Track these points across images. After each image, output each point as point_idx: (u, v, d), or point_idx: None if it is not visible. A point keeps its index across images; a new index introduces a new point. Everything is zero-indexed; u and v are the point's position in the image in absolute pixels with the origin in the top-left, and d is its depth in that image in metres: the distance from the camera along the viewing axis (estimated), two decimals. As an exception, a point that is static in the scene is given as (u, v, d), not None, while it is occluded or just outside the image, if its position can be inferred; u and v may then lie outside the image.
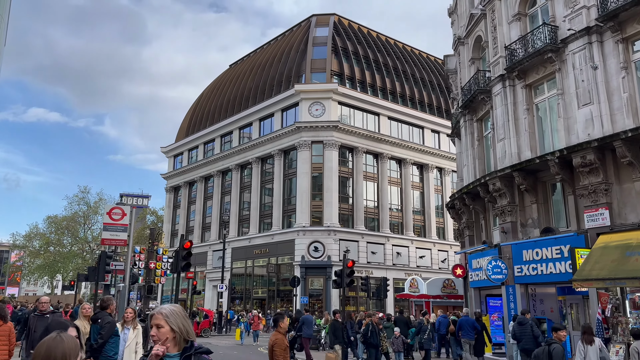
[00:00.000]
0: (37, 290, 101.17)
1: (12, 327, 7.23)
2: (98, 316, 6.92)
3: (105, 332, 6.81)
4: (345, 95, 41.94)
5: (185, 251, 13.36)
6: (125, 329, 7.10)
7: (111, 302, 7.13)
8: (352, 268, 16.18)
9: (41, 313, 7.67)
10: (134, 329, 7.23)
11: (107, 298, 7.27)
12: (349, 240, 40.01)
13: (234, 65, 60.40)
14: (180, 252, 13.37)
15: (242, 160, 47.29)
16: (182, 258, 13.31)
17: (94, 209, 68.17)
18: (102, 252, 17.69)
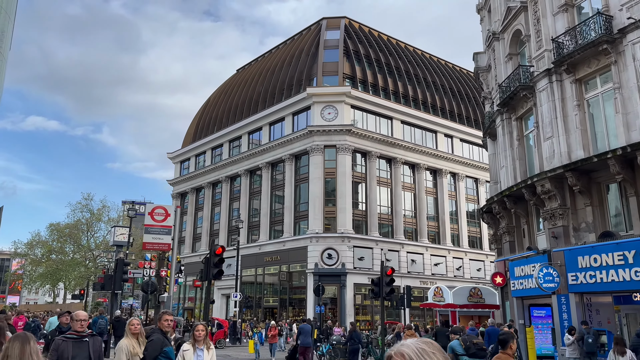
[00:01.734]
0: (38, 298, 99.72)
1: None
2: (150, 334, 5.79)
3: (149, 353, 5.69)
4: (357, 98, 40.97)
5: (216, 257, 12.25)
6: (197, 350, 5.83)
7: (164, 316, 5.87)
8: (391, 276, 15.05)
9: (78, 335, 5.36)
10: (207, 350, 5.86)
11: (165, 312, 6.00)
12: (363, 247, 38.89)
13: (241, 70, 59.53)
14: (212, 259, 12.25)
15: (251, 166, 46.23)
16: (213, 265, 12.19)
17: (98, 216, 67.02)
18: (118, 259, 16.57)
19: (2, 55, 30.33)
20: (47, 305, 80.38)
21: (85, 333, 5.45)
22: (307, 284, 38.08)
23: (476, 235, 47.44)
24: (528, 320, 16.30)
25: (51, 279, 68.91)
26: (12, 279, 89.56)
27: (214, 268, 12.18)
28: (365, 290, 38.74)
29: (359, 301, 38.00)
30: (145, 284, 17.14)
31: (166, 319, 5.74)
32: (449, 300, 25.13)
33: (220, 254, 12.34)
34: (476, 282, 40.55)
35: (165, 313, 5.78)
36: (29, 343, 3.25)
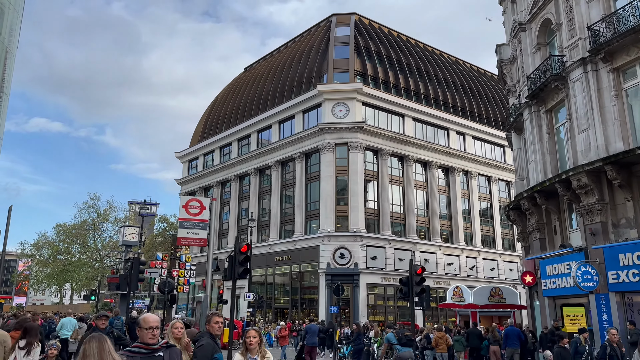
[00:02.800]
0: (45, 299, 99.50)
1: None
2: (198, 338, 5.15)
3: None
4: (369, 95, 40.32)
5: (242, 255, 11.63)
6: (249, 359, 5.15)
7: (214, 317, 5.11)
8: (422, 275, 14.39)
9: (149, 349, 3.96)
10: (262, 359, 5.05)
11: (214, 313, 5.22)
12: (375, 246, 38.24)
13: (249, 68, 58.98)
14: (237, 257, 11.64)
15: (261, 164, 45.66)
16: (238, 263, 11.58)
17: (104, 216, 66.64)
18: (134, 258, 16.01)
19: (11, 52, 29.86)
20: (53, 306, 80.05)
21: (158, 345, 4.05)
22: (318, 284, 37.47)
23: (489, 234, 46.70)
24: (561, 320, 15.62)
25: (58, 280, 68.50)
26: (19, 280, 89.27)
27: (239, 266, 11.56)
28: (379, 290, 38.14)
29: (372, 301, 37.33)
30: (162, 283, 16.56)
31: (216, 321, 5.10)
32: (470, 300, 24.44)
33: (245, 251, 11.73)
34: (489, 282, 39.85)
35: (215, 314, 5.15)
36: (106, 342, 3.32)
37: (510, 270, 46.46)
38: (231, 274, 11.68)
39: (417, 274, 14.18)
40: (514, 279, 45.37)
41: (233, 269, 11.58)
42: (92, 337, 3.35)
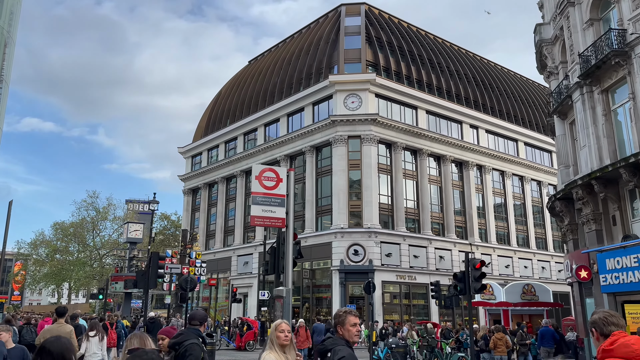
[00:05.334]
0: (42, 299, 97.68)
1: None
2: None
3: None
4: (382, 86, 38.91)
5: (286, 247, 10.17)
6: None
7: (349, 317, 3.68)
8: (481, 270, 12.99)
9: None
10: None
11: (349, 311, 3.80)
12: (390, 242, 36.87)
13: (254, 61, 57.45)
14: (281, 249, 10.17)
15: (268, 159, 44.12)
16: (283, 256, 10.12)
17: (104, 214, 64.93)
18: (153, 253, 14.53)
19: (12, 39, 28.28)
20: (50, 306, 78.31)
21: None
22: (332, 282, 36.08)
23: (504, 231, 45.42)
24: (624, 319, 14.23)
25: (56, 279, 66.74)
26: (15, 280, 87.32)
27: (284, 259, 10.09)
28: (394, 288, 36.77)
29: (388, 299, 35.96)
30: (184, 280, 15.12)
31: (354, 322, 3.69)
32: (502, 298, 23.09)
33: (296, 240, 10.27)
34: (505, 280, 38.56)
35: (350, 314, 3.74)
36: (147, 339, 3.52)
37: (525, 268, 45.24)
38: (274, 267, 10.21)
39: (476, 269, 12.76)
40: (528, 276, 44.15)
41: (276, 263, 10.11)
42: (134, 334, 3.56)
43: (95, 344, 8.81)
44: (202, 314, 5.12)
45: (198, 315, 5.03)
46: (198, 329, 4.87)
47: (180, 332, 4.83)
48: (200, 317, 5.02)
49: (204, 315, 5.13)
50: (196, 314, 5.04)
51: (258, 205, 8.98)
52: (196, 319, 4.97)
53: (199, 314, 5.06)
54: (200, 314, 5.08)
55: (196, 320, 4.95)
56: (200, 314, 5.08)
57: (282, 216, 9.21)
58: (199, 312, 5.12)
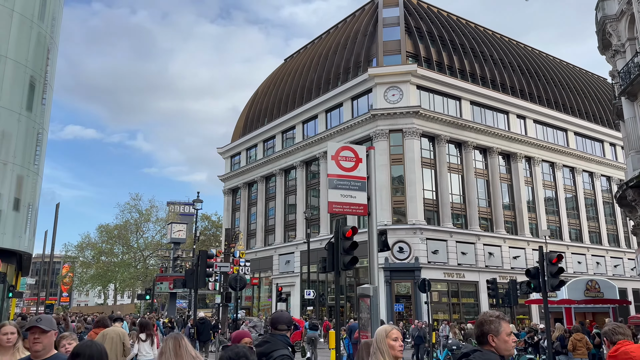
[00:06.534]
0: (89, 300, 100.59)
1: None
2: None
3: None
4: (424, 77, 37.61)
5: (347, 242, 9.35)
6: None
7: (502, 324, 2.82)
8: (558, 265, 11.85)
9: None
10: None
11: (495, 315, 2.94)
12: (436, 239, 35.60)
13: (290, 59, 57.01)
14: (340, 244, 9.38)
15: (307, 156, 43.56)
16: (343, 251, 9.32)
17: (146, 216, 66.05)
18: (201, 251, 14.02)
19: (54, 41, 28.58)
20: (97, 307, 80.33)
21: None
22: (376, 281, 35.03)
23: (556, 225, 43.27)
24: None
25: (102, 281, 68.32)
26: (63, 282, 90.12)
27: (344, 255, 9.29)
28: (442, 286, 35.45)
29: (436, 298, 34.65)
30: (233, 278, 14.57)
31: (510, 332, 2.83)
32: (564, 295, 21.56)
33: (350, 236, 9.45)
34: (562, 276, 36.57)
35: (504, 319, 2.87)
36: (182, 339, 3.46)
37: (578, 263, 42.98)
38: (333, 264, 9.41)
39: (553, 264, 11.60)
40: (582, 272, 41.89)
41: (337, 259, 9.31)
42: (170, 335, 3.58)
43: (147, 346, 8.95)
44: (288, 316, 4.21)
45: (284, 318, 4.13)
46: (286, 335, 3.98)
47: (264, 339, 3.92)
48: (286, 320, 4.11)
49: (291, 319, 4.22)
50: (281, 316, 4.15)
51: (336, 190, 8.09)
52: (282, 322, 4.05)
53: (285, 316, 4.16)
54: (286, 316, 4.18)
55: (283, 325, 4.03)
56: (286, 316, 4.18)
57: (363, 202, 8.32)
58: (284, 314, 4.22)
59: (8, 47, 23.23)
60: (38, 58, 26.00)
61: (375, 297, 7.47)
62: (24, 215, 25.78)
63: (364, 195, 8.20)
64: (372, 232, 8.19)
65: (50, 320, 3.58)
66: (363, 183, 8.23)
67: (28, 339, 3.64)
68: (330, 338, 12.16)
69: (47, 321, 3.53)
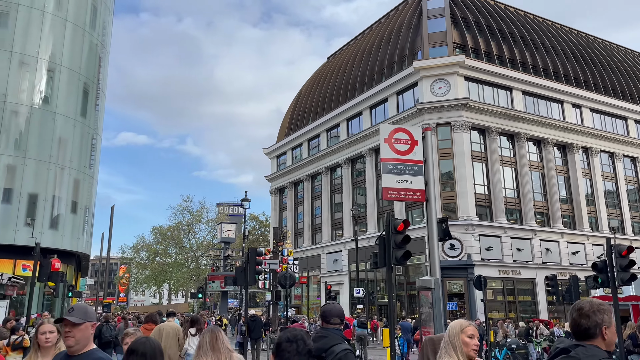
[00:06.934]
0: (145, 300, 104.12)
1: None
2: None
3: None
4: (472, 68, 36.39)
5: (399, 236, 8.95)
6: None
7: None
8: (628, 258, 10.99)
9: None
10: None
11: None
12: (489, 235, 34.36)
13: (332, 57, 56.78)
14: (392, 238, 8.98)
15: (352, 154, 43.16)
16: (395, 246, 8.92)
17: (197, 217, 67.62)
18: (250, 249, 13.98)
19: (105, 48, 29.55)
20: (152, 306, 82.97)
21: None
22: (427, 279, 34.25)
23: (617, 218, 40.89)
24: None
25: (156, 281, 70.51)
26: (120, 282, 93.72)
27: (396, 250, 8.88)
28: (497, 284, 34.17)
29: (491, 296, 33.41)
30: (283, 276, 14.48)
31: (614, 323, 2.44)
32: (631, 291, 20.17)
33: (402, 230, 9.02)
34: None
35: (610, 311, 2.47)
36: (219, 332, 3.64)
37: (645, 259, 40.37)
38: (385, 259, 9.02)
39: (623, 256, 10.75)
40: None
41: (388, 253, 8.91)
42: (207, 329, 3.75)
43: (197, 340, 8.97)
44: (340, 309, 3.80)
45: (336, 310, 3.70)
46: (339, 329, 3.61)
47: (320, 334, 3.55)
48: (339, 313, 3.69)
49: (343, 312, 3.79)
50: (334, 309, 3.73)
51: (390, 175, 7.63)
52: (335, 315, 3.64)
53: (337, 309, 3.75)
54: (339, 309, 3.77)
55: (336, 318, 3.61)
56: (339, 309, 3.77)
57: (421, 187, 7.85)
58: (336, 306, 3.79)
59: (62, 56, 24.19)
60: (90, 65, 26.98)
61: (437, 289, 6.99)
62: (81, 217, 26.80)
63: (421, 180, 7.72)
64: (431, 220, 7.71)
65: (84, 310, 3.11)
66: (420, 167, 7.76)
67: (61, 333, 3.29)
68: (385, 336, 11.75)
69: (79, 311, 3.07)
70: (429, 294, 6.95)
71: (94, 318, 3.13)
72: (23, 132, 23.28)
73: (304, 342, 2.53)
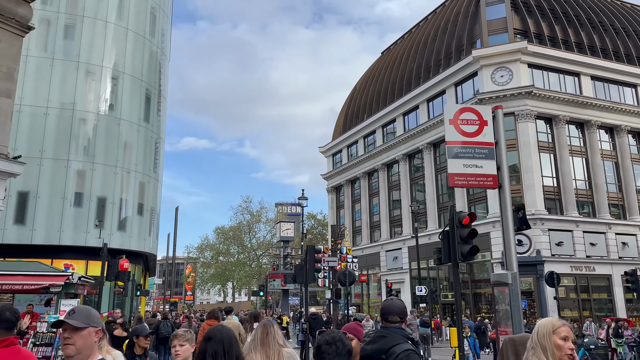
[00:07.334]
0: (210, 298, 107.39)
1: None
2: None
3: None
4: (535, 54, 34.54)
5: (464, 229, 8.42)
6: None
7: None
8: None
9: None
10: None
11: None
12: (559, 230, 32.48)
13: (386, 52, 55.92)
14: (456, 232, 8.47)
15: (409, 149, 42.24)
16: (461, 240, 8.41)
17: (257, 217, 68.84)
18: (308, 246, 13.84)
19: (165, 54, 30.51)
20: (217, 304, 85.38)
21: None
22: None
23: None
24: None
25: (220, 279, 72.42)
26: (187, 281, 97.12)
27: (462, 244, 8.36)
28: (569, 281, 32.24)
29: (563, 294, 31.59)
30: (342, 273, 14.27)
31: None
32: None
33: (468, 223, 8.49)
34: None
35: None
36: (272, 326, 3.63)
37: None
38: (450, 255, 8.51)
39: None
40: None
41: (453, 249, 8.41)
42: (261, 322, 3.75)
43: None
44: (401, 305, 3.39)
45: (395, 307, 3.32)
46: (401, 327, 3.25)
47: (379, 334, 3.20)
48: (398, 310, 3.29)
49: (404, 308, 3.40)
50: (392, 305, 3.34)
51: (457, 159, 7.10)
52: (394, 312, 3.27)
53: (397, 305, 3.34)
54: (398, 305, 3.35)
55: (394, 316, 3.26)
56: (398, 305, 3.35)
57: (492, 172, 7.30)
58: (395, 303, 3.38)
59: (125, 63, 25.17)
60: (151, 72, 27.93)
61: (514, 285, 6.43)
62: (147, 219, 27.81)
63: (492, 164, 7.15)
64: (505, 208, 7.12)
65: (86, 313, 2.55)
66: (490, 150, 7.20)
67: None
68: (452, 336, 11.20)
69: (81, 314, 2.53)
70: (505, 289, 6.39)
71: (99, 323, 2.59)
72: (91, 139, 24.43)
73: (343, 343, 2.62)
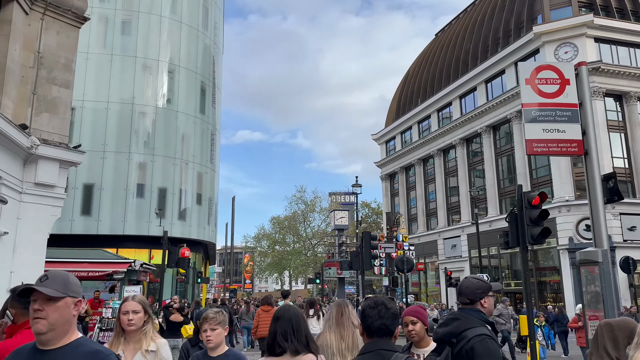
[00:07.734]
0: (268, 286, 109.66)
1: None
2: None
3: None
4: (603, 27, 32.28)
5: (534, 210, 7.83)
6: None
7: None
8: None
9: None
10: None
11: None
12: (632, 214, 30.41)
13: (441, 33, 54.20)
14: (526, 214, 7.91)
15: (466, 133, 40.82)
16: (530, 222, 7.83)
17: (311, 206, 69.23)
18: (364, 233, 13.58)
19: (218, 47, 30.94)
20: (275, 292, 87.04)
21: None
22: (559, 264, 31.37)
23: None
24: None
25: (277, 268, 73.68)
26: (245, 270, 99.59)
27: (532, 227, 7.79)
28: (643, 268, 30.16)
29: (637, 281, 29.60)
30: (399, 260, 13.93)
31: None
32: None
33: (538, 204, 7.90)
34: None
35: None
36: (347, 307, 3.74)
37: None
38: (518, 239, 7.97)
39: None
40: None
41: (522, 232, 7.86)
42: (335, 302, 3.88)
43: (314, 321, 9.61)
44: (472, 284, 2.98)
45: (464, 287, 2.98)
46: (478, 309, 2.90)
47: (453, 316, 2.91)
48: (467, 290, 2.94)
49: (476, 287, 2.96)
50: (461, 285, 3.02)
51: (535, 123, 6.48)
52: (462, 293, 2.97)
53: (465, 285, 3.00)
54: (467, 285, 2.98)
55: (463, 297, 2.94)
56: (467, 285, 2.98)
57: (577, 137, 6.70)
58: (465, 282, 3.03)
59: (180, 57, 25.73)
60: (205, 64, 28.41)
61: (605, 263, 5.88)
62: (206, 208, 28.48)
63: (576, 128, 6.49)
64: (592, 177, 6.49)
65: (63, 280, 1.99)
66: (574, 112, 6.54)
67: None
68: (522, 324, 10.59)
69: (56, 281, 1.96)
70: (595, 268, 5.84)
71: (79, 293, 2.03)
72: (150, 132, 25.22)
73: (386, 307, 2.62)
